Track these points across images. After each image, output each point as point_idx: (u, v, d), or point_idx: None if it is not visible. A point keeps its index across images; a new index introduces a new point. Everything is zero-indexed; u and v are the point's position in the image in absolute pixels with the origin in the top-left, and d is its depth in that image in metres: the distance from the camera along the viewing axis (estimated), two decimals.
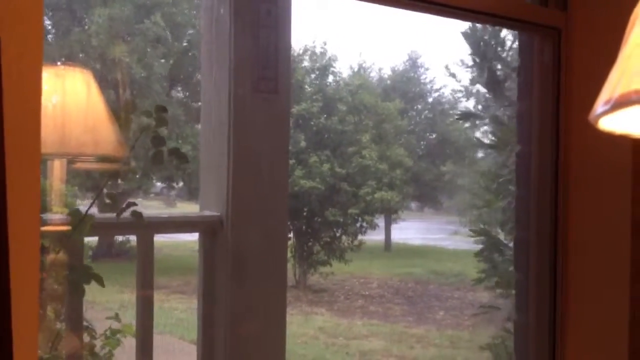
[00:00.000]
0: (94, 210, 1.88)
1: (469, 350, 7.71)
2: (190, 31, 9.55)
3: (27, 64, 1.05)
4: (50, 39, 9.50)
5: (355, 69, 13.60)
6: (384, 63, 23.49)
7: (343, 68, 15.56)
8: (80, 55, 8.84)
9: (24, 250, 1.08)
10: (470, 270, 5.17)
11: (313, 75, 11.53)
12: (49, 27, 9.57)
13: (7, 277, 1.02)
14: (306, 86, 11.17)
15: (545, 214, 2.40)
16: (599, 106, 0.57)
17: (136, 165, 1.90)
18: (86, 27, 8.85)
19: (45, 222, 1.79)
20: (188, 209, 9.91)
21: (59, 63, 1.78)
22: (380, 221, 12.07)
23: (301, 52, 11.38)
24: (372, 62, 18.01)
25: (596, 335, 2.28)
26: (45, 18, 9.05)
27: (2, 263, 1.02)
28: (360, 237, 11.01)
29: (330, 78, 11.66)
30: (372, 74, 14.84)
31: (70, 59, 8.62)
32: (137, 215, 1.88)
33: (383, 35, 23.07)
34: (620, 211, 2.20)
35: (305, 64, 11.50)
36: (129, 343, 2.10)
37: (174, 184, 10.80)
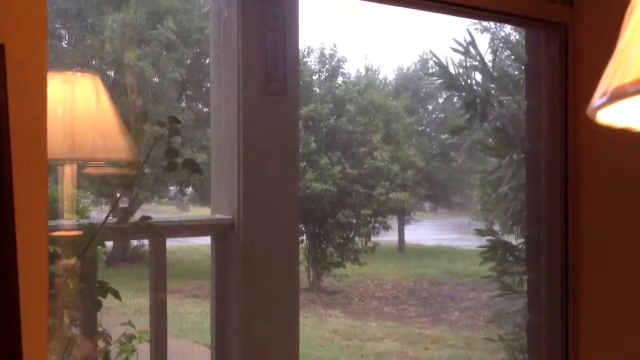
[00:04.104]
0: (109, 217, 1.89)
1: (484, 352, 7.67)
2: (202, 37, 9.59)
3: (31, 70, 1.06)
4: (64, 46, 9.57)
5: (364, 70, 13.60)
6: (394, 63, 23.52)
7: (353, 69, 15.56)
8: (94, 61, 8.89)
9: (32, 255, 1.08)
10: (484, 270, 5.16)
11: (322, 77, 11.53)
12: (63, 34, 9.64)
13: (16, 282, 1.03)
14: (315, 88, 11.17)
15: (555, 211, 2.38)
16: (596, 99, 0.57)
17: (150, 171, 1.91)
18: (99, 35, 8.90)
19: (56, 228, 1.80)
20: (201, 212, 9.93)
21: (71, 69, 1.79)
22: (393, 222, 12.04)
23: (310, 53, 11.39)
24: (382, 63, 18.01)
25: (609, 334, 2.26)
26: (58, 25, 9.11)
27: (11, 268, 1.03)
28: (373, 238, 10.99)
29: (340, 79, 11.66)
30: (382, 74, 14.83)
31: (84, 66, 8.69)
32: (148, 224, 1.90)
33: (393, 35, 23.04)
34: (632, 207, 2.18)
35: (315, 65, 11.50)
36: (144, 347, 2.10)
37: (187, 189, 10.84)
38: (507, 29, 6.35)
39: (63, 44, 9.63)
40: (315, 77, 11.31)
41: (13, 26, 1.05)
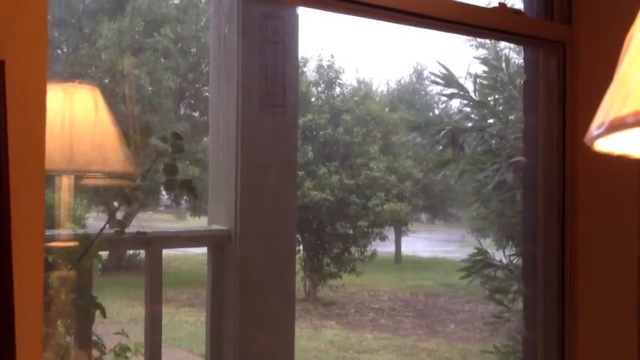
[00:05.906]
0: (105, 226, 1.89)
1: None
2: (199, 46, 9.58)
3: (31, 86, 1.06)
4: (60, 55, 9.55)
5: (361, 81, 13.62)
6: (389, 75, 23.64)
7: (350, 80, 15.60)
8: (90, 70, 8.88)
9: (28, 265, 1.08)
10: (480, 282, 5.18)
11: (320, 88, 11.53)
12: (60, 43, 9.63)
13: (11, 291, 1.03)
14: (313, 98, 11.17)
15: (552, 228, 2.38)
16: (594, 129, 0.57)
17: (146, 181, 1.91)
18: (96, 42, 8.89)
19: (53, 238, 1.80)
20: (199, 222, 9.91)
21: (68, 80, 1.79)
22: (390, 233, 12.02)
23: (306, 64, 11.38)
24: (378, 74, 18.04)
25: (605, 351, 2.26)
26: (55, 34, 9.10)
27: (6, 277, 1.02)
28: (371, 249, 10.97)
29: (338, 90, 11.66)
30: (378, 86, 14.86)
31: (80, 75, 8.68)
32: (144, 237, 1.90)
33: (389, 47, 23.14)
34: (629, 224, 2.18)
35: (312, 76, 11.50)
36: (139, 357, 2.10)
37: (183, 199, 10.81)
38: (502, 44, 6.37)
39: (59, 52, 9.62)
40: (312, 87, 11.31)
41: (13, 42, 1.05)
